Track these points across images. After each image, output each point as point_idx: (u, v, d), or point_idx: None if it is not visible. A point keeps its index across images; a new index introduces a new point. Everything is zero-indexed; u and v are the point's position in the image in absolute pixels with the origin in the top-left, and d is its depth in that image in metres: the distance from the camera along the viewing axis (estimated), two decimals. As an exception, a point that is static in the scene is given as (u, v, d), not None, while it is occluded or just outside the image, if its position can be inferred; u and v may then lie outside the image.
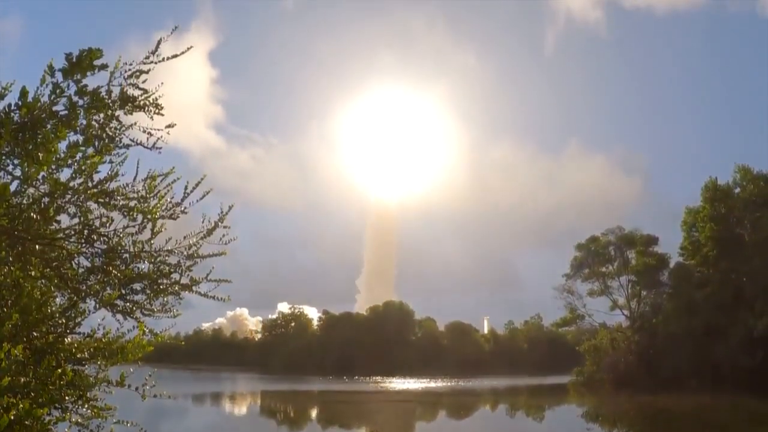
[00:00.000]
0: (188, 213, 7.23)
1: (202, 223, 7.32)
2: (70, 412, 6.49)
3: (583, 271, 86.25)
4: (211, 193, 7.40)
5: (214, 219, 7.33)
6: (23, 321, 5.99)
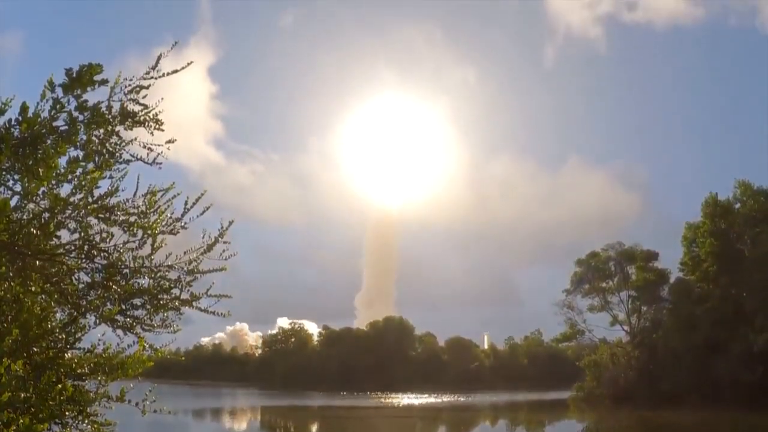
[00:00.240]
0: (188, 228, 7.23)
1: (203, 239, 7.31)
2: (71, 428, 6.50)
3: (584, 287, 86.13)
4: (211, 208, 7.36)
5: (214, 234, 7.32)
6: (23, 336, 6.00)
